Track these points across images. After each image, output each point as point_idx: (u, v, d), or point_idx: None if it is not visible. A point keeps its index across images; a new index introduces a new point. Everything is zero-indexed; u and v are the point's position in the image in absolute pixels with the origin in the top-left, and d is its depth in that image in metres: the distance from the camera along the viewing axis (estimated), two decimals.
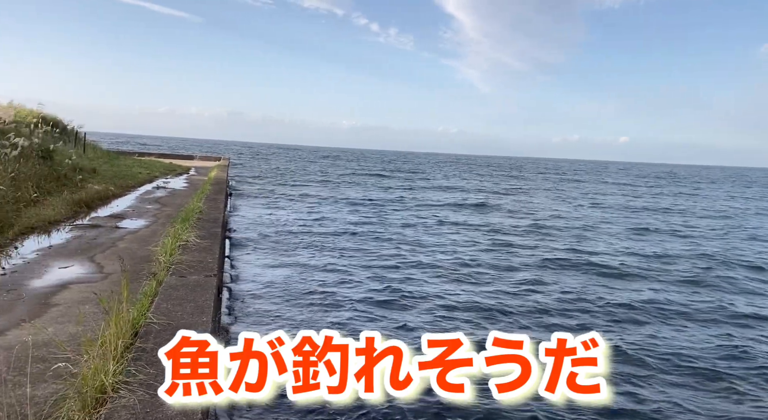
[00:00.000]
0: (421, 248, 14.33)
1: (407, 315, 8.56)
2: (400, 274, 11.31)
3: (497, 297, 9.70)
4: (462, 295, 9.78)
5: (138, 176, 18.90)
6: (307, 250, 13.19)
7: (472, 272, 11.62)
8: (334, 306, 8.84)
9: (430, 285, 10.51)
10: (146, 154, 36.59)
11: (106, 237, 8.30)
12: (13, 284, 5.41)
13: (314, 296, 9.26)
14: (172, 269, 5.87)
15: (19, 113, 19.96)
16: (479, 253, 13.74)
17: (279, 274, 10.83)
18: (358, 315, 8.36)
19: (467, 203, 26.06)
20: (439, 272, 11.62)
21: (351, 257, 12.82)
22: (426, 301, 9.37)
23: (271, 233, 15.31)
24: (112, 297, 4.99)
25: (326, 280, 10.41)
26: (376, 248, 13.91)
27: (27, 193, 10.15)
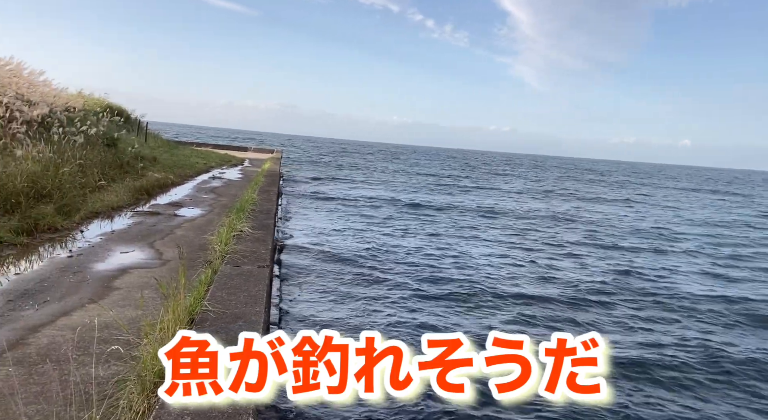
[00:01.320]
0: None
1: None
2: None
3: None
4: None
5: (195, 166, 19.49)
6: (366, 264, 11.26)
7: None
8: (388, 303, 8.76)
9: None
10: (203, 144, 37.74)
11: (165, 224, 8.58)
12: (78, 266, 5.66)
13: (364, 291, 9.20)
14: (227, 258, 6.00)
15: (88, 102, 20.96)
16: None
17: (331, 268, 10.81)
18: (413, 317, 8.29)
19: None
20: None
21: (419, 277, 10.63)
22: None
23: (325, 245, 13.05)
24: (170, 284, 5.15)
25: (378, 279, 10.02)
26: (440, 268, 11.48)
27: (93, 179, 10.62)
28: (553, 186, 44.22)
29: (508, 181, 45.51)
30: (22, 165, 8.34)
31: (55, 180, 8.66)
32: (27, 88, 13.56)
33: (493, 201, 26.77)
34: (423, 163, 72.22)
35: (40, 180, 8.24)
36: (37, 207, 7.52)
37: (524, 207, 25.21)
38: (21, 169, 8.08)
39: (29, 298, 4.51)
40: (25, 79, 14.84)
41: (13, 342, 3.61)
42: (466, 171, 59.70)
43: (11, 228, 6.58)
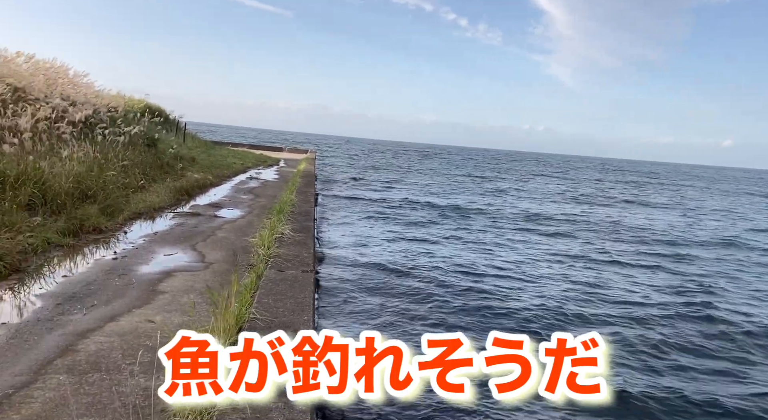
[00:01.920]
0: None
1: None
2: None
3: None
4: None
5: (232, 166, 19.64)
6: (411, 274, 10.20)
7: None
8: (429, 321, 8.36)
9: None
10: (239, 144, 38.17)
11: (206, 225, 8.56)
12: (123, 269, 5.63)
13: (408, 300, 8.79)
14: (270, 262, 5.90)
15: (128, 103, 21.37)
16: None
17: (369, 262, 10.54)
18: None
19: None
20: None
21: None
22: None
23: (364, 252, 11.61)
24: (215, 288, 5.06)
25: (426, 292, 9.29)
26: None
27: (135, 180, 10.72)
28: (595, 188, 42.91)
29: (546, 183, 44.37)
30: (68, 166, 8.44)
31: (99, 180, 8.74)
32: (71, 89, 13.83)
33: (534, 204, 25.59)
34: (457, 162, 71.58)
35: (84, 180, 8.32)
36: (82, 207, 7.58)
37: (568, 211, 23.93)
38: (67, 169, 8.17)
39: (77, 302, 4.48)
40: (69, 80, 15.17)
41: (63, 348, 3.55)
42: (502, 172, 58.78)
43: (58, 229, 6.62)
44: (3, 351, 3.44)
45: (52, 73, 14.38)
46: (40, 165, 7.51)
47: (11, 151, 7.84)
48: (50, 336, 3.74)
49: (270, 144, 50.62)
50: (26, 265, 5.32)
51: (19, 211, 6.52)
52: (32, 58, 14.22)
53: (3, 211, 6.26)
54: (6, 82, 10.81)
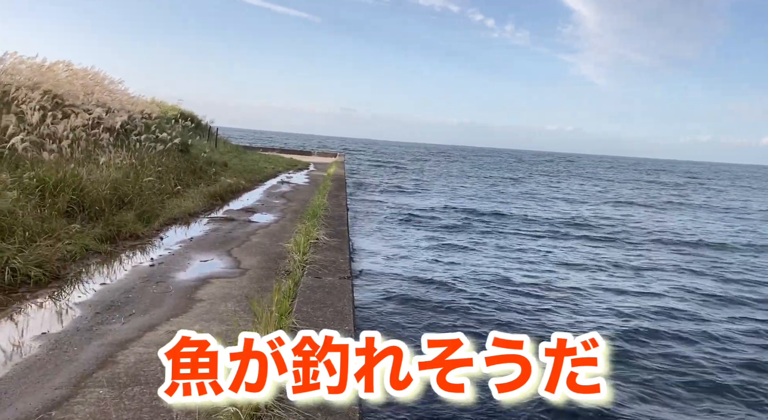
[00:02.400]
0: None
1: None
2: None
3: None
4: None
5: (264, 171, 19.73)
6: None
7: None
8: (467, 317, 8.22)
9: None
10: (270, 148, 38.48)
11: (240, 231, 8.53)
12: (161, 276, 5.59)
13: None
14: (307, 269, 5.79)
15: (162, 109, 21.70)
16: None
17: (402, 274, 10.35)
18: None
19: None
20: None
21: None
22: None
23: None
24: (252, 295, 4.96)
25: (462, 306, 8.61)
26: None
27: (170, 185, 10.79)
28: (631, 189, 41.57)
29: (581, 184, 43.27)
30: (105, 172, 8.51)
31: (136, 187, 8.79)
32: (107, 97, 14.06)
33: (569, 209, 24.35)
34: (486, 165, 70.85)
35: (121, 187, 8.38)
36: (119, 214, 7.62)
37: (607, 214, 23.03)
38: (104, 176, 8.24)
39: (115, 311, 4.43)
40: (105, 88, 15.45)
41: (103, 359, 3.48)
42: (534, 173, 57.76)
43: (96, 235, 6.64)
44: (43, 363, 3.39)
45: (89, 80, 14.67)
46: (79, 172, 7.57)
47: (50, 159, 7.94)
48: (89, 346, 3.68)
49: (299, 148, 50.98)
50: (65, 272, 5.32)
51: (58, 218, 6.57)
52: (70, 67, 14.53)
53: (43, 218, 6.31)
54: (44, 89, 11.03)
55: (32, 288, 4.81)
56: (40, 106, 10.09)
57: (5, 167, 7.01)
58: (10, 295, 4.56)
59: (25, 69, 11.72)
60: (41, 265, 5.10)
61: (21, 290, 4.72)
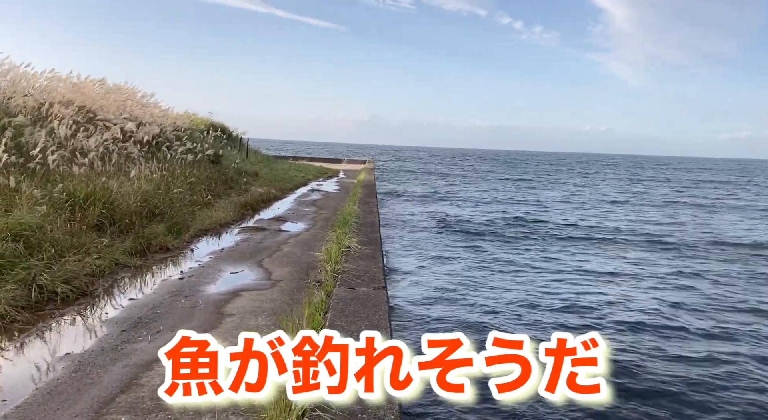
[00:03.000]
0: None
1: None
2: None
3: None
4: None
5: (294, 179, 19.68)
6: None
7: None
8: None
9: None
10: (300, 157, 38.65)
11: (271, 240, 8.35)
12: (190, 290, 5.42)
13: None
14: (339, 279, 5.54)
15: (194, 121, 21.93)
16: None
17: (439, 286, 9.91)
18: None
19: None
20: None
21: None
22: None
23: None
24: (284, 309, 4.73)
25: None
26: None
27: (201, 196, 10.74)
28: (681, 191, 39.69)
29: (622, 189, 41.46)
30: (136, 185, 8.46)
31: (166, 198, 8.73)
32: (139, 110, 14.18)
33: (620, 217, 22.47)
34: (520, 168, 69.74)
35: (152, 199, 8.31)
36: (149, 226, 7.53)
37: (654, 219, 21.47)
38: (135, 188, 8.18)
39: (142, 328, 4.25)
40: (138, 101, 15.63)
41: (127, 382, 3.28)
42: (573, 174, 56.23)
43: (126, 249, 6.54)
44: (65, 387, 3.21)
45: (121, 95, 14.85)
46: (109, 185, 7.51)
47: (81, 172, 7.92)
48: (114, 368, 3.49)
49: (329, 156, 51.14)
50: (93, 288, 5.19)
51: (88, 232, 6.49)
52: (104, 82, 14.74)
53: (72, 233, 6.23)
54: (77, 105, 11.14)
55: (59, 305, 4.68)
56: (73, 121, 10.18)
57: (36, 182, 6.99)
58: (36, 314, 4.43)
59: (60, 86, 11.91)
60: (69, 281, 4.98)
61: (48, 307, 4.60)
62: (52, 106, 10.09)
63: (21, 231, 5.30)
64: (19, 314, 4.29)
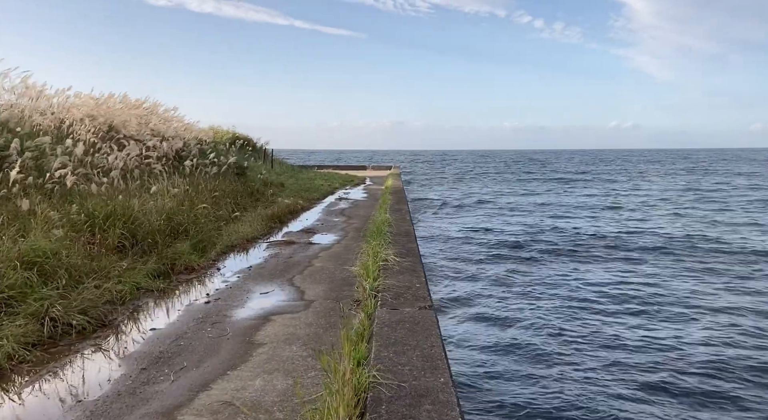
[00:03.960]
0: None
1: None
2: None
3: None
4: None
5: (320, 188, 19.25)
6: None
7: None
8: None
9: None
10: (324, 166, 38.35)
11: (301, 254, 7.86)
12: (217, 315, 4.93)
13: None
14: (379, 297, 4.99)
15: (217, 134, 21.72)
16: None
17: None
18: None
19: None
20: None
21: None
22: None
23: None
24: (320, 337, 4.20)
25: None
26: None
27: (227, 210, 10.34)
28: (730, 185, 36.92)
29: (663, 188, 39.31)
30: (159, 201, 8.08)
31: (191, 215, 8.32)
32: (162, 125, 13.93)
33: (673, 221, 20.44)
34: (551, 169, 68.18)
35: (176, 216, 7.92)
36: (173, 245, 7.11)
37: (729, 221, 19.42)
38: (158, 206, 7.80)
39: (164, 365, 3.77)
40: (160, 116, 15.41)
41: None
42: (613, 173, 54.05)
43: (149, 271, 6.11)
44: None
45: (143, 110, 14.64)
46: (130, 203, 7.12)
47: (101, 191, 7.56)
48: (130, 418, 3.00)
49: (353, 163, 50.76)
50: (113, 318, 4.75)
51: (108, 254, 6.09)
52: (126, 98, 14.56)
53: (92, 256, 5.83)
54: (99, 122, 10.88)
55: (74, 339, 4.24)
56: (96, 137, 9.89)
57: (54, 203, 6.64)
58: (48, 351, 3.99)
59: (79, 103, 11.70)
60: (86, 312, 4.54)
61: (62, 343, 4.16)
62: (72, 124, 9.84)
63: (34, 258, 4.90)
64: (29, 352, 3.85)
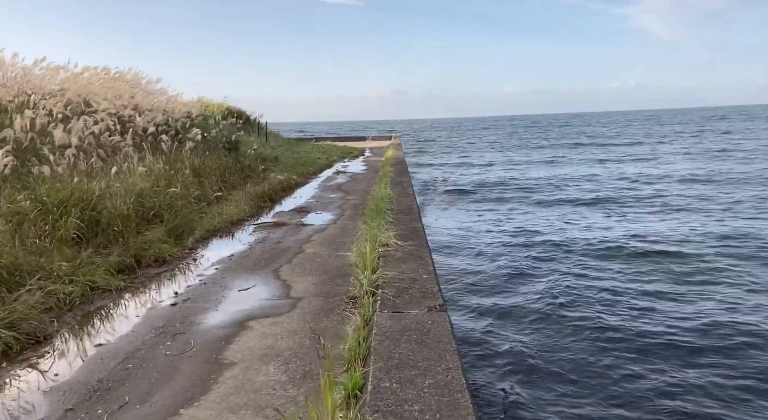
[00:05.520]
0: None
1: None
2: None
3: None
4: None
5: (317, 162, 18.28)
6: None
7: None
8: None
9: None
10: (322, 138, 37.27)
11: (292, 238, 6.97)
12: (182, 322, 4.06)
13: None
14: (378, 296, 4.11)
15: (208, 107, 20.62)
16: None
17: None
18: None
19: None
20: None
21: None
22: None
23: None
24: (304, 350, 3.32)
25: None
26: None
27: (211, 189, 9.41)
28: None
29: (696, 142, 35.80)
30: (129, 182, 7.15)
31: (166, 197, 7.40)
32: (142, 98, 12.89)
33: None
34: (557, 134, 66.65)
35: (149, 198, 7.00)
36: (142, 234, 6.21)
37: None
38: (126, 188, 6.87)
39: (100, 401, 2.90)
40: (142, 89, 14.35)
41: None
42: (626, 135, 51.66)
43: (110, 266, 5.23)
44: None
45: (123, 83, 13.59)
46: (90, 186, 6.18)
47: (58, 173, 6.62)
48: None
49: (353, 134, 49.57)
50: (52, 330, 3.87)
51: (62, 247, 5.19)
52: (106, 71, 13.50)
53: (40, 252, 4.94)
54: (69, 96, 9.88)
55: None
56: (61, 113, 8.91)
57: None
58: None
59: (47, 74, 10.67)
60: (14, 325, 3.67)
61: None
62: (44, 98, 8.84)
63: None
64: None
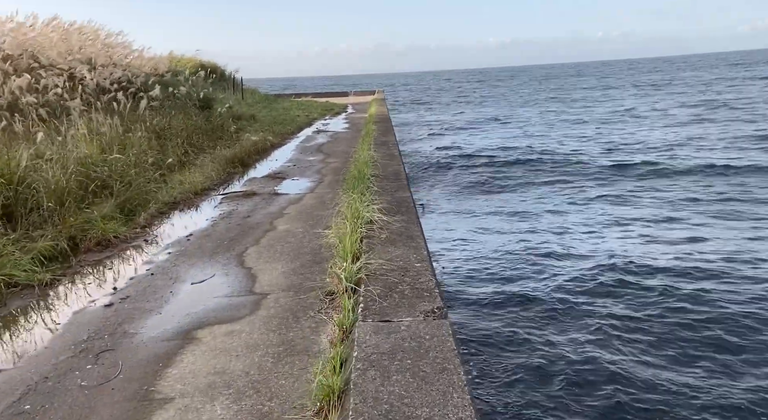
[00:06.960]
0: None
1: None
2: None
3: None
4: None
5: (296, 120, 17.19)
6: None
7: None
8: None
9: None
10: (302, 95, 35.80)
11: (262, 212, 6.09)
12: (113, 333, 3.21)
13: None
14: (361, 295, 3.29)
15: (179, 63, 19.21)
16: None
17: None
18: None
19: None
20: None
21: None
22: None
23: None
24: (266, 376, 2.51)
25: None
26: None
27: (176, 154, 8.42)
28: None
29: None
30: (68, 149, 6.16)
31: (117, 165, 6.43)
32: (99, 52, 11.63)
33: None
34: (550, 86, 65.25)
35: (93, 167, 6.04)
36: (85, 210, 5.29)
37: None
38: (66, 155, 5.88)
39: None
40: (102, 43, 13.02)
41: None
42: (616, 86, 50.46)
43: (38, 253, 4.34)
44: None
45: (80, 35, 12.26)
46: (14, 156, 5.20)
47: None
48: None
49: (335, 90, 47.88)
50: None
51: None
52: (56, 22, 12.12)
53: None
54: (7, 50, 8.69)
55: None
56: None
57: None
58: None
59: None
60: None
61: None
62: None
63: None
64: None
